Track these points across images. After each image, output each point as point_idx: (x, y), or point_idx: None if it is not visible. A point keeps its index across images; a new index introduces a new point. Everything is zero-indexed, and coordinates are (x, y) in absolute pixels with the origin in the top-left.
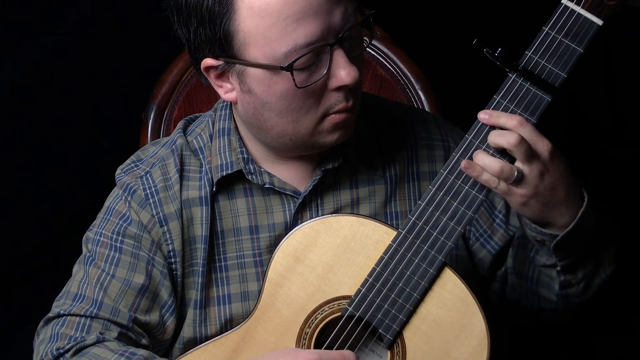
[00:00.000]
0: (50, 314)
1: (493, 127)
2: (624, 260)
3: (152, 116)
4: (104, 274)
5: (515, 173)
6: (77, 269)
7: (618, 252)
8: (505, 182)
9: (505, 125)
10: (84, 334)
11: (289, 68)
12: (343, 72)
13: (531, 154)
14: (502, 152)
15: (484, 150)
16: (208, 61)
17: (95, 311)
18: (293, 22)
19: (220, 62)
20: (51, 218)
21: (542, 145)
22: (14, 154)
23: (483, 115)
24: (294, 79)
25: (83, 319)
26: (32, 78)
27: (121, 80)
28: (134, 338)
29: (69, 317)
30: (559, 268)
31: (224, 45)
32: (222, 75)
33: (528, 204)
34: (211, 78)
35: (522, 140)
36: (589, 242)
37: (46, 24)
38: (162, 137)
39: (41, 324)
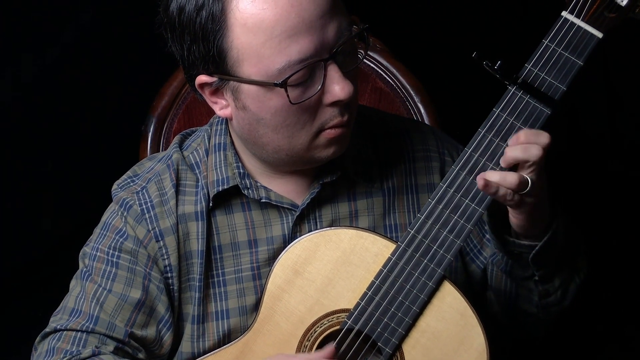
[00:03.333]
0: (47, 329)
1: (493, 141)
2: (623, 272)
3: (151, 129)
4: (101, 288)
5: (530, 183)
6: (74, 284)
7: (588, 256)
8: (517, 194)
9: (537, 142)
10: (80, 348)
11: (283, 84)
12: (337, 87)
13: (543, 165)
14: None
15: (492, 168)
16: (202, 78)
17: (91, 326)
18: (286, 39)
19: (214, 79)
20: (49, 233)
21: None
22: (12, 168)
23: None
24: (288, 96)
25: (79, 333)
26: (31, 91)
27: (121, 93)
28: (131, 352)
29: (65, 332)
30: (536, 278)
31: (218, 62)
32: (216, 91)
33: (532, 213)
34: (206, 95)
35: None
36: (563, 249)
37: (46, 37)
38: (162, 150)
39: (38, 339)
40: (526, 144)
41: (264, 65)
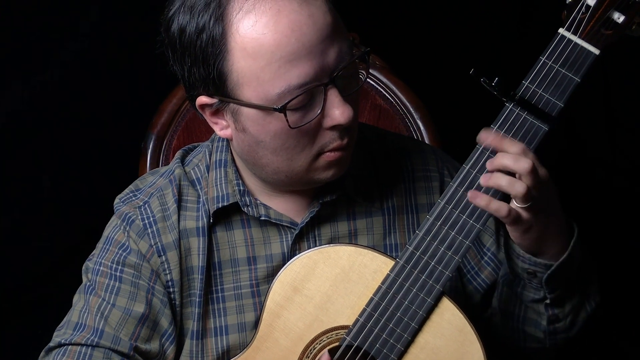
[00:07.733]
0: (51, 344)
1: (491, 157)
2: (622, 287)
3: (151, 146)
4: (105, 302)
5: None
6: (78, 299)
7: (600, 286)
8: (510, 212)
9: (507, 151)
10: None
11: (282, 109)
12: (337, 111)
13: (540, 180)
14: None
15: (499, 172)
16: (203, 99)
17: (96, 340)
18: (286, 64)
19: (214, 100)
20: (48, 249)
21: (544, 173)
22: (12, 183)
23: (484, 136)
24: (287, 120)
25: (84, 348)
26: (30, 106)
27: (120, 110)
28: None
29: (70, 347)
30: (548, 301)
31: (218, 85)
32: (217, 112)
33: (530, 231)
34: (206, 115)
35: (535, 167)
36: (576, 273)
37: (45, 53)
38: (161, 166)
39: (42, 354)
40: (516, 156)
41: (263, 90)
